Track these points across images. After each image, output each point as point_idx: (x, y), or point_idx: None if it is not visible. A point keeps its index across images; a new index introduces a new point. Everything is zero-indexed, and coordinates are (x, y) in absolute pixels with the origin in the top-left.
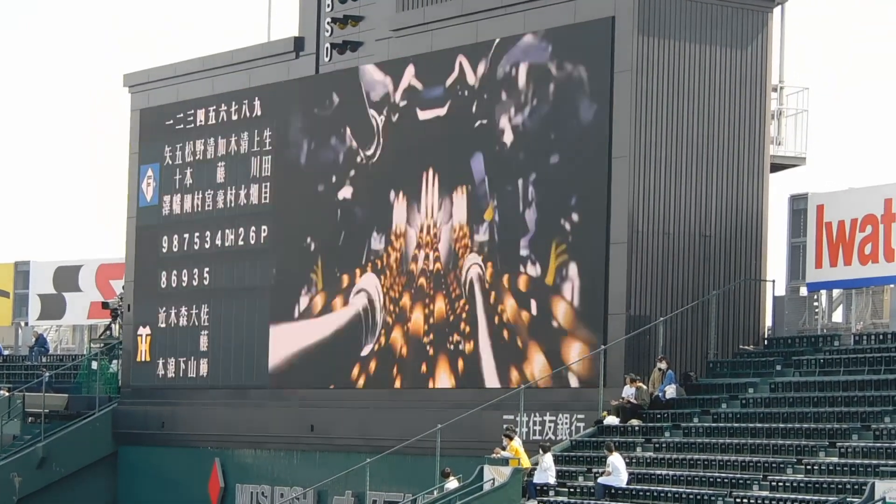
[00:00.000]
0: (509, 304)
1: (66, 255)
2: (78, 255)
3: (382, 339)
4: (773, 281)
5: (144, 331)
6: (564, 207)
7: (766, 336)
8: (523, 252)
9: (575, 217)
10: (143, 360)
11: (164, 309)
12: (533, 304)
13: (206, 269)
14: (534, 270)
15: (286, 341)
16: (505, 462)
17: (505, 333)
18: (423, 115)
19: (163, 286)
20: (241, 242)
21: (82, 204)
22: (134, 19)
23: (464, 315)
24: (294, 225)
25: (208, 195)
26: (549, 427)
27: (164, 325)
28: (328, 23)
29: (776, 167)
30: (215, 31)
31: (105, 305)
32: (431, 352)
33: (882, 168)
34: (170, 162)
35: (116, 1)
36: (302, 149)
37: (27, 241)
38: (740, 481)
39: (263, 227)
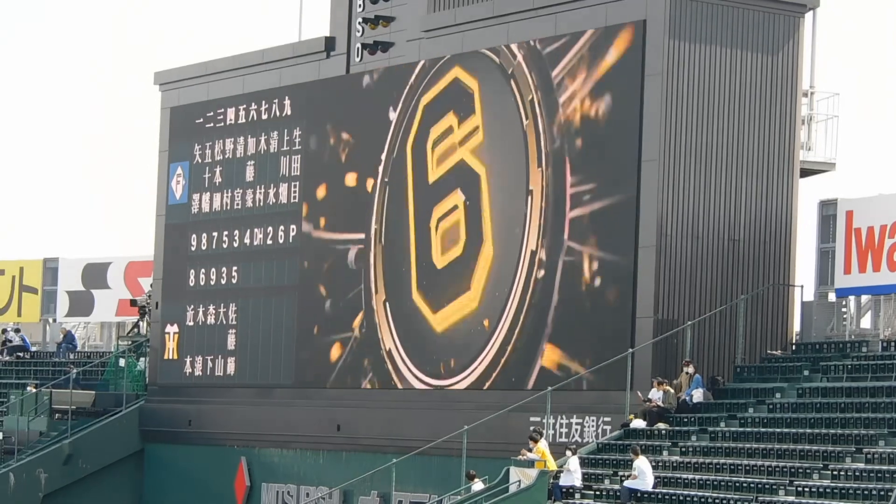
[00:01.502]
0: (539, 305)
1: (94, 253)
2: (107, 253)
3: (411, 338)
4: (802, 286)
5: (172, 328)
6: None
7: (793, 341)
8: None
9: (604, 220)
10: (170, 357)
11: (192, 307)
12: (562, 306)
13: (235, 268)
14: (565, 273)
15: (314, 340)
16: (531, 464)
17: (530, 333)
18: (449, 119)
19: (191, 284)
20: (269, 242)
21: (111, 201)
22: (165, 17)
23: (491, 314)
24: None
25: (237, 194)
26: (576, 429)
27: (191, 323)
28: (359, 23)
29: (806, 172)
30: (246, 29)
31: (133, 303)
32: (461, 351)
33: None
34: (199, 160)
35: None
36: (332, 148)
37: (56, 238)
38: (766, 486)
39: (292, 226)
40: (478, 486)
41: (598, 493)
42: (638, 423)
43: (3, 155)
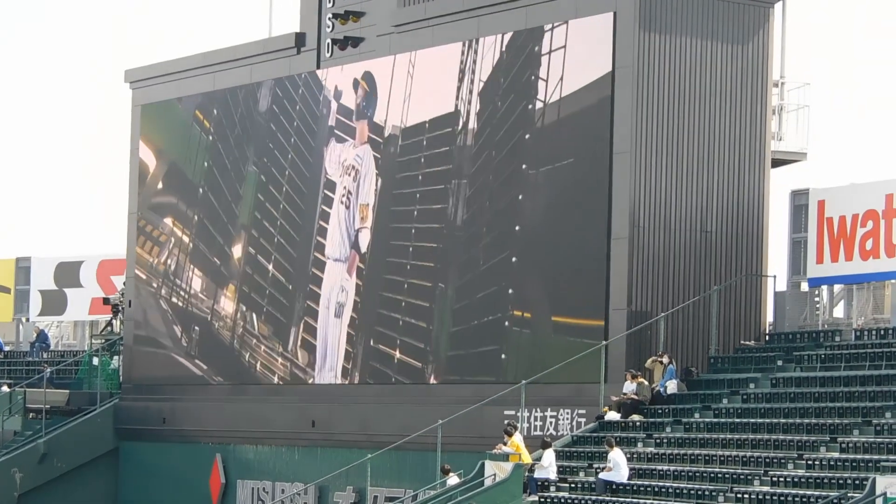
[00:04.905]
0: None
1: (67, 251)
2: (79, 251)
3: (384, 334)
4: (775, 276)
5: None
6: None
7: (767, 331)
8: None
9: (577, 212)
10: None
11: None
12: (536, 301)
13: (208, 266)
14: (538, 268)
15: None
16: (506, 457)
17: (506, 328)
18: (423, 113)
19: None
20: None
21: (83, 199)
22: (136, 15)
23: (453, 310)
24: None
25: None
26: (550, 422)
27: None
28: (329, 18)
29: (777, 163)
30: (216, 26)
31: (106, 301)
32: (434, 346)
33: (883, 163)
34: None
35: None
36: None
37: (28, 237)
38: (741, 476)
39: (266, 223)
40: (453, 480)
41: (573, 485)
42: (612, 416)
43: None
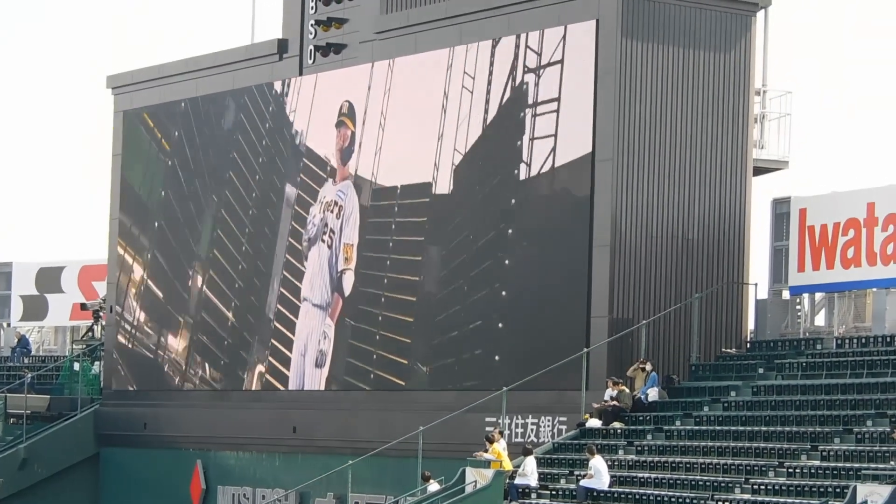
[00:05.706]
0: (487, 305)
1: (48, 257)
2: (60, 257)
3: (365, 339)
4: (756, 284)
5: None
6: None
7: (748, 339)
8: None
9: (558, 220)
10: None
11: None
12: (516, 306)
13: (189, 271)
14: (519, 275)
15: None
16: (487, 464)
17: (484, 334)
18: (405, 119)
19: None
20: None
21: (65, 205)
22: (118, 21)
23: (437, 319)
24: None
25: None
26: (532, 429)
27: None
28: (312, 25)
29: (759, 171)
30: (199, 33)
31: (84, 307)
32: (413, 352)
33: (865, 172)
34: None
35: (101, 2)
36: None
37: (9, 243)
38: (722, 484)
39: (248, 228)
40: (434, 487)
41: (553, 492)
42: (593, 423)
43: None
